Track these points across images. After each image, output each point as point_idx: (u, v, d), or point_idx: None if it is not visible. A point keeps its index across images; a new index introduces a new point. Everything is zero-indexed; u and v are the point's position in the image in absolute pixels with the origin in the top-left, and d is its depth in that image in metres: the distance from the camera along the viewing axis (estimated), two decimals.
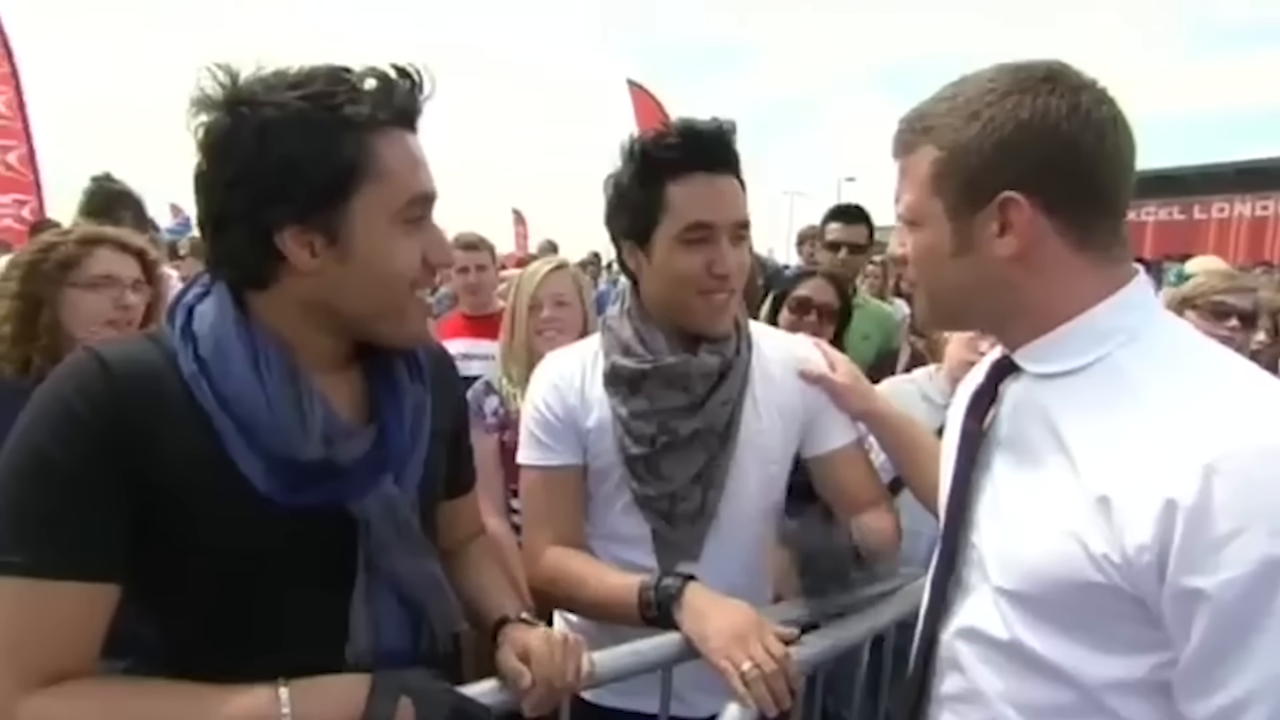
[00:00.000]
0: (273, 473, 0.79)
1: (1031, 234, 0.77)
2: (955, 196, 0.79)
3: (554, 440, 1.27)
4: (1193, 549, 0.65)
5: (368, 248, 0.81)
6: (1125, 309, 0.78)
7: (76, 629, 0.74)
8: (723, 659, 1.00)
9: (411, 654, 0.86)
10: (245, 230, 0.79)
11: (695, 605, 1.07)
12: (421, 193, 0.84)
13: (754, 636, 1.01)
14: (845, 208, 2.97)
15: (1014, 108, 0.75)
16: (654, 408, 1.22)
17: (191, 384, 0.78)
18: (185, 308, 0.83)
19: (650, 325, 1.25)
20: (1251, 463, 0.65)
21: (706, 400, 1.23)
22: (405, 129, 0.83)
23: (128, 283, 1.59)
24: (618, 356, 1.25)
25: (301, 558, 0.82)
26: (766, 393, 1.28)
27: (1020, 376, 0.85)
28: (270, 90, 0.77)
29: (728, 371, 1.24)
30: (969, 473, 0.87)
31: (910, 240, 0.86)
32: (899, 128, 0.85)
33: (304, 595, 0.82)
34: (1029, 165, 0.76)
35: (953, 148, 0.78)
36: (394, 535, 0.85)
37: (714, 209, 1.17)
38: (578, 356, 1.33)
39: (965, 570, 0.87)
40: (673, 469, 1.22)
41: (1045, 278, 0.79)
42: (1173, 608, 0.67)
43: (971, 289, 0.83)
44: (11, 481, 0.74)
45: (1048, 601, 0.75)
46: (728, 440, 1.24)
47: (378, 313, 0.85)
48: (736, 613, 1.06)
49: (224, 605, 0.80)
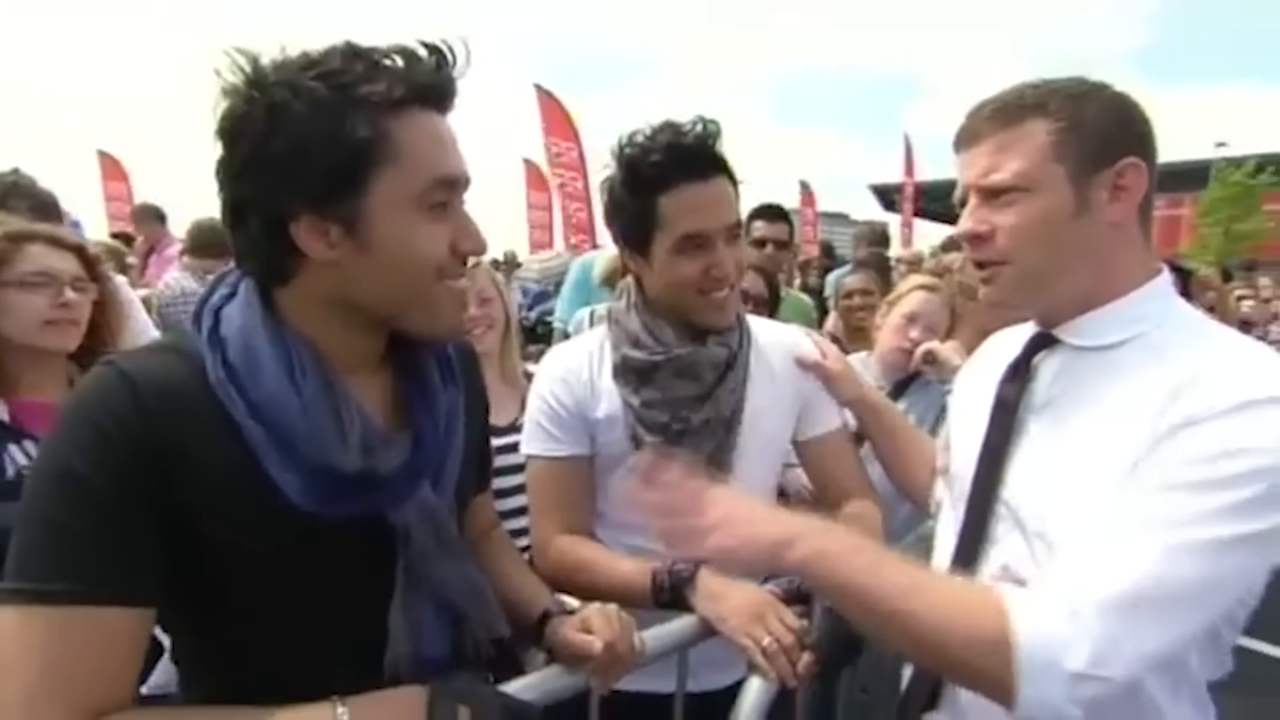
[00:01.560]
0: (309, 484, 0.75)
1: (1137, 199, 0.87)
2: (1079, 160, 0.87)
3: (562, 431, 1.29)
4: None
5: (388, 235, 0.75)
6: (1159, 295, 0.90)
7: (121, 657, 0.71)
8: (743, 636, 1.04)
9: (450, 661, 0.85)
10: (260, 222, 0.75)
11: (710, 588, 1.11)
12: (446, 175, 0.78)
13: (771, 614, 1.06)
14: (768, 207, 3.08)
15: (1112, 94, 0.88)
16: (666, 397, 1.25)
17: (220, 392, 0.74)
18: (212, 310, 0.79)
19: (657, 319, 1.28)
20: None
21: (715, 389, 1.27)
22: (429, 108, 0.77)
23: (66, 280, 1.51)
24: (628, 349, 1.28)
25: (338, 569, 0.79)
26: (766, 380, 1.33)
27: (1057, 350, 0.93)
28: (283, 71, 0.73)
29: (734, 361, 1.28)
30: (1005, 436, 0.94)
31: (1014, 210, 0.89)
32: (980, 115, 0.92)
33: (342, 606, 0.80)
34: (1137, 138, 0.88)
35: (1073, 119, 0.87)
36: (433, 543, 0.83)
37: (706, 218, 1.20)
38: (584, 349, 1.35)
39: (994, 524, 0.94)
40: (685, 455, 1.25)
41: (1122, 254, 0.89)
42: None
43: (1074, 256, 0.89)
44: (43, 507, 0.70)
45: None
46: (734, 426, 1.28)
47: (404, 304, 0.80)
48: (750, 593, 1.10)
49: (261, 620, 0.77)
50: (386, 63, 0.75)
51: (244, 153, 0.73)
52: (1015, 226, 0.89)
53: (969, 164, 0.93)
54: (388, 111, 0.74)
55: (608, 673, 0.95)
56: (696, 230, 1.19)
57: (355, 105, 0.72)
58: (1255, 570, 0.79)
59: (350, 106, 0.72)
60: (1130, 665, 0.73)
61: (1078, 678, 0.73)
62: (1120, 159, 0.86)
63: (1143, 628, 0.73)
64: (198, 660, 0.82)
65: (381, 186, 0.74)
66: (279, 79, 0.72)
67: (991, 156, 0.90)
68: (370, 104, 0.73)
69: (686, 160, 1.19)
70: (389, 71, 0.74)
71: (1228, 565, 0.75)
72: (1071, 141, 0.86)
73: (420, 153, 0.76)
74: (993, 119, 0.90)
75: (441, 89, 0.79)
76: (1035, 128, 0.87)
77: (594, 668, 0.94)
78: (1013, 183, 0.88)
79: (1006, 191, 0.89)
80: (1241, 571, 0.77)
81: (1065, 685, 0.73)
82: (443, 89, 0.79)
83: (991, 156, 0.90)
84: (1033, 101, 0.88)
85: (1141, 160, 0.87)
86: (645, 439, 1.25)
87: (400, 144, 0.74)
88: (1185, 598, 0.74)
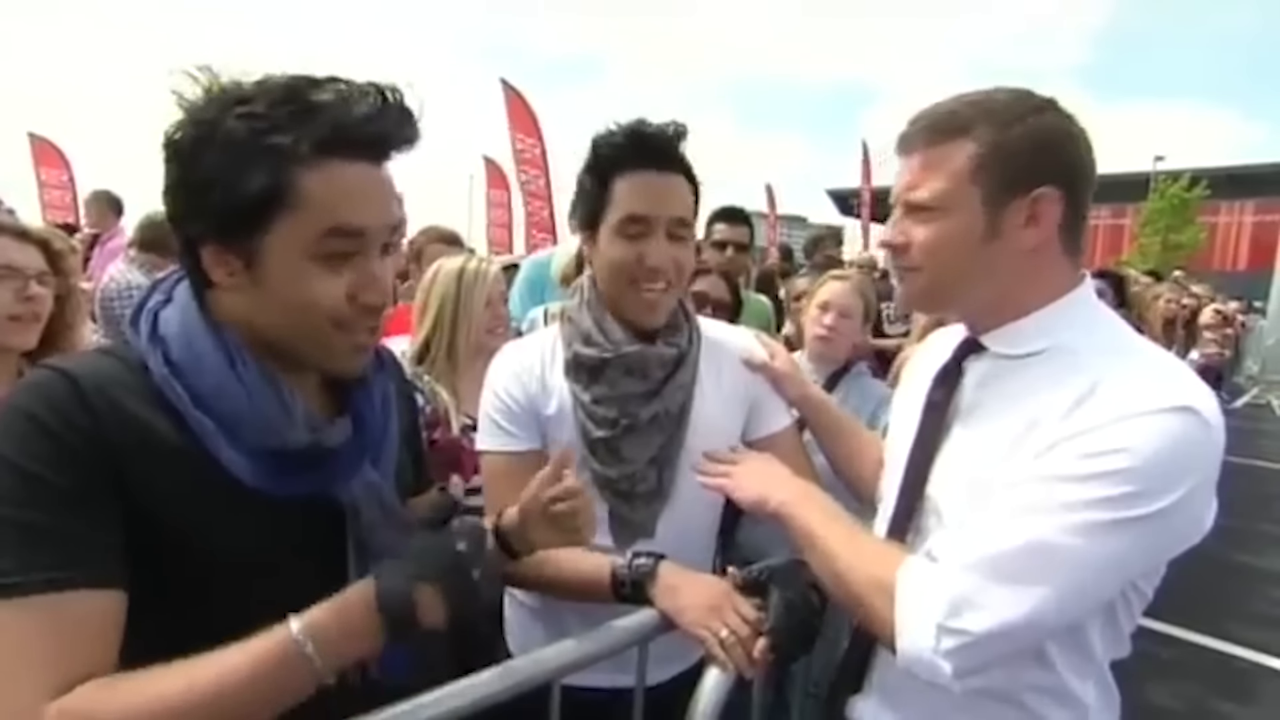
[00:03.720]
0: (258, 464, 0.78)
1: (1051, 227, 0.90)
2: (995, 186, 0.89)
3: (516, 426, 1.30)
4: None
5: (280, 278, 0.78)
6: (1080, 304, 0.94)
7: (94, 639, 0.71)
8: (701, 629, 1.06)
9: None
10: (180, 237, 0.80)
11: (668, 581, 1.13)
12: (345, 226, 0.77)
13: (727, 606, 1.08)
14: (729, 210, 3.11)
15: (1043, 119, 0.89)
16: (614, 393, 1.27)
17: (164, 387, 0.77)
18: (150, 313, 0.82)
19: (608, 317, 1.30)
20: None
21: (663, 386, 1.28)
22: (354, 158, 0.77)
23: (31, 273, 1.48)
24: (579, 346, 1.29)
25: (292, 549, 0.82)
26: (715, 379, 1.35)
27: (984, 356, 0.98)
28: (213, 107, 0.75)
29: (682, 359, 1.31)
30: (934, 436, 0.99)
31: (929, 227, 0.93)
32: (915, 127, 0.95)
33: (297, 587, 0.80)
34: (1060, 167, 0.90)
35: (995, 145, 0.89)
36: (380, 516, 0.87)
37: (651, 203, 1.22)
38: (536, 347, 1.36)
39: (919, 518, 0.99)
40: (633, 451, 1.27)
41: (1039, 270, 0.92)
42: None
43: (982, 274, 0.93)
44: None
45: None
46: (682, 424, 1.30)
47: (300, 342, 0.82)
48: (708, 586, 1.12)
49: (217, 606, 0.77)
50: (320, 104, 0.75)
51: (171, 175, 0.78)
52: (928, 242, 0.94)
53: (900, 173, 0.97)
54: (295, 163, 0.75)
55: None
56: (639, 213, 1.22)
57: (263, 152, 0.74)
58: (1126, 561, 0.82)
59: (258, 154, 0.74)
60: (985, 623, 0.80)
61: (941, 630, 0.81)
62: (1035, 188, 0.88)
63: (999, 590, 0.80)
64: (150, 655, 0.79)
65: (278, 231, 0.76)
66: (208, 114, 0.75)
67: (916, 173, 0.94)
68: (279, 154, 0.74)
69: (644, 147, 1.23)
70: (312, 121, 0.74)
71: (1095, 550, 0.79)
72: (990, 166, 0.89)
73: (322, 203, 0.76)
74: (924, 133, 0.94)
75: (371, 139, 0.78)
76: (959, 149, 0.90)
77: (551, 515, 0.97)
78: (930, 202, 0.92)
79: (925, 209, 0.93)
80: (1109, 559, 0.80)
81: (931, 637, 0.82)
82: (373, 139, 0.78)
83: (916, 173, 0.94)
84: (962, 122, 0.91)
85: (1060, 189, 0.89)
86: (594, 434, 1.27)
87: (302, 193, 0.75)
88: (1045, 571, 0.79)
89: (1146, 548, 0.82)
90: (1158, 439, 0.78)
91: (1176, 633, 3.41)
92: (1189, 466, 0.79)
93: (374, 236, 0.81)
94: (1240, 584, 4.14)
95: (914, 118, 0.96)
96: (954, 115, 0.92)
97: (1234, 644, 3.44)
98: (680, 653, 1.17)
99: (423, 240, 2.84)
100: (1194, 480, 0.79)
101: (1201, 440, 0.80)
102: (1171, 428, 0.78)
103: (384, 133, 0.79)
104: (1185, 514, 0.80)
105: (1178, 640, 3.39)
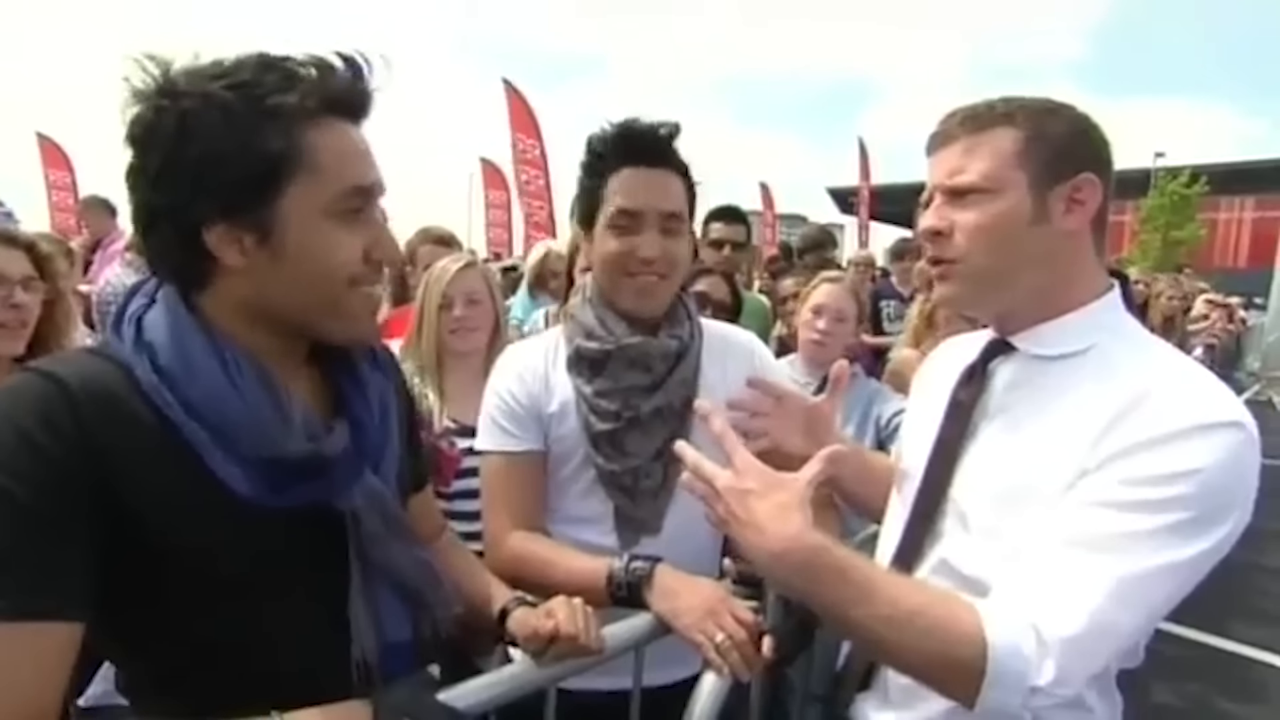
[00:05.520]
0: (255, 476, 0.74)
1: (1092, 213, 0.91)
2: (1041, 170, 0.90)
3: (517, 427, 1.30)
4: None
5: (301, 244, 0.76)
6: (1113, 308, 0.94)
7: (47, 674, 0.67)
8: (697, 633, 1.05)
9: (413, 644, 0.85)
10: (172, 228, 0.75)
11: (665, 585, 1.12)
12: (359, 184, 0.79)
13: (723, 610, 1.06)
14: (726, 208, 3.09)
15: (1075, 112, 0.92)
16: (617, 386, 1.27)
17: (154, 396, 0.73)
18: (133, 319, 0.78)
19: (609, 311, 1.30)
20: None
21: (666, 379, 1.28)
22: (343, 118, 0.78)
23: (17, 279, 1.47)
24: (581, 340, 1.30)
25: (291, 562, 0.79)
26: (718, 375, 1.35)
27: (1013, 357, 0.96)
28: (194, 80, 0.72)
29: (685, 352, 1.31)
30: (958, 437, 0.97)
31: (975, 210, 0.91)
32: (952, 121, 0.95)
33: (297, 600, 0.79)
34: (1097, 156, 0.91)
35: (1038, 131, 0.90)
36: (382, 526, 0.84)
37: (641, 198, 1.24)
38: (541, 346, 1.37)
39: (939, 520, 0.97)
40: (637, 445, 1.27)
41: (1079, 263, 0.93)
42: None
43: (1029, 261, 0.92)
44: None
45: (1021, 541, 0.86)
46: (685, 418, 1.29)
47: (317, 311, 0.80)
48: (704, 589, 1.11)
49: (213, 622, 0.75)
50: (301, 73, 0.76)
51: (156, 161, 0.73)
52: (974, 226, 0.91)
53: (937, 165, 0.96)
54: (301, 122, 0.74)
55: (564, 660, 0.95)
56: (629, 208, 1.24)
57: (268, 116, 0.73)
58: (1189, 582, 0.82)
59: (263, 117, 0.73)
60: (1082, 684, 0.81)
61: (1037, 691, 0.79)
62: (1078, 174, 0.90)
63: (1096, 653, 0.80)
64: (152, 676, 0.79)
65: (294, 196, 0.75)
66: (189, 88, 0.72)
67: (959, 158, 0.93)
68: (283, 115, 0.73)
69: (634, 144, 1.25)
70: (302, 82, 0.75)
71: (1172, 587, 0.80)
72: (1035, 151, 0.90)
73: (333, 162, 0.76)
74: (964, 124, 0.93)
75: (355, 100, 0.79)
76: (1003, 135, 0.91)
77: (554, 652, 0.94)
78: (977, 183, 0.91)
79: (970, 192, 0.92)
80: (1183, 587, 0.81)
81: (1025, 695, 0.79)
82: (357, 100, 0.80)
83: (959, 158, 0.93)
84: (1002, 111, 0.92)
85: (1098, 178, 0.90)
86: (597, 427, 1.26)
87: (313, 154, 0.75)
88: (1133, 622, 0.80)
89: (1205, 566, 0.82)
90: (1218, 458, 0.78)
91: (1180, 631, 3.41)
92: (1248, 483, 0.80)
93: (378, 193, 0.82)
94: (1244, 582, 4.12)
95: (947, 116, 0.96)
96: (992, 108, 0.93)
97: (1237, 642, 3.44)
98: (683, 656, 1.15)
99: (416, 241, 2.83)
100: (1250, 496, 0.80)
101: (1252, 456, 0.80)
102: (1229, 445, 0.79)
103: (364, 94, 0.80)
104: (1238, 529, 0.81)
105: (1181, 638, 3.38)
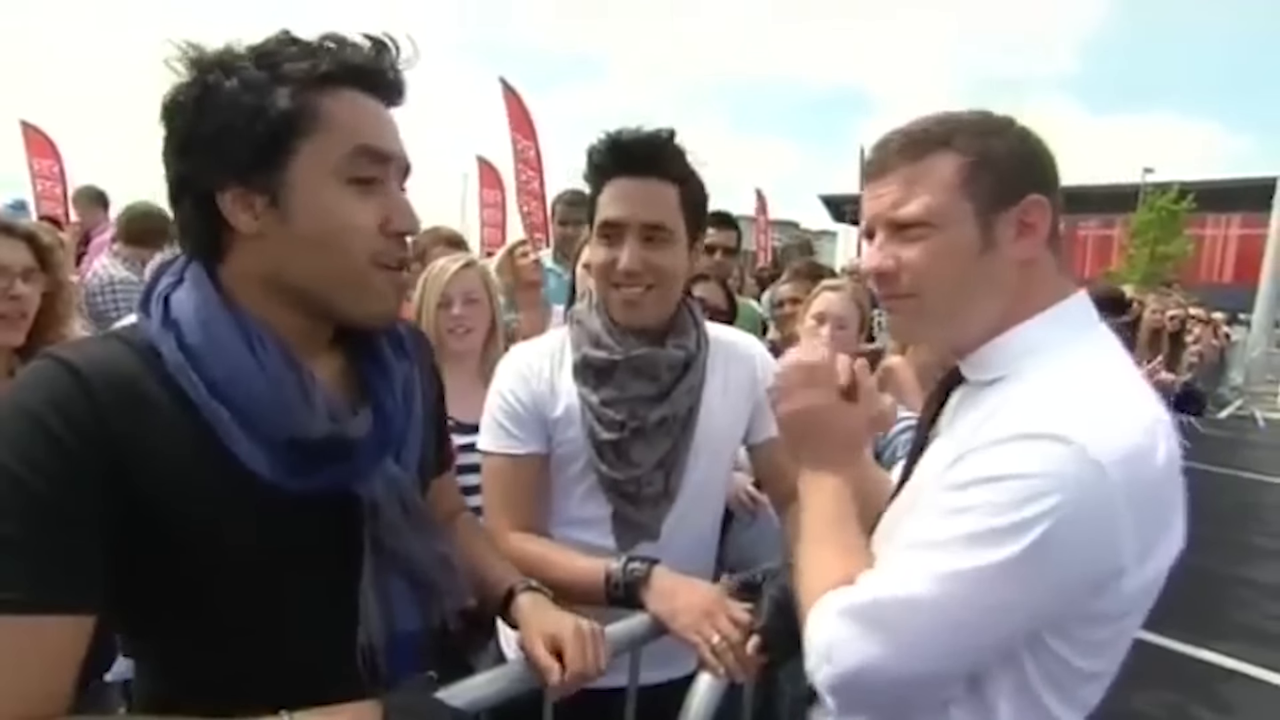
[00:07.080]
0: (276, 457, 0.74)
1: (1044, 236, 0.87)
2: (986, 196, 0.85)
3: (519, 429, 1.31)
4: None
5: (310, 206, 0.76)
6: (1057, 323, 0.86)
7: (57, 666, 0.67)
8: (693, 634, 1.07)
9: (422, 634, 0.85)
10: (191, 197, 0.77)
11: (662, 586, 1.14)
12: (370, 145, 0.78)
13: (719, 612, 1.09)
14: (716, 214, 3.10)
15: (1016, 130, 0.87)
16: (624, 396, 1.28)
17: (178, 376, 0.73)
18: (160, 297, 0.78)
19: (613, 320, 1.31)
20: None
21: (672, 389, 1.30)
22: (360, 89, 0.79)
23: (17, 270, 1.47)
24: (588, 348, 1.30)
25: (306, 547, 0.79)
26: (721, 382, 1.37)
27: (965, 381, 0.94)
28: (219, 56, 0.75)
29: (691, 362, 1.32)
30: (914, 456, 0.99)
31: (921, 245, 0.86)
32: (887, 148, 0.89)
33: (310, 585, 0.80)
34: (1044, 175, 0.88)
35: (982, 155, 0.85)
36: (401, 515, 0.83)
37: (621, 209, 1.25)
38: (545, 349, 1.37)
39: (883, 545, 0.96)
40: (641, 454, 1.29)
41: (1034, 282, 0.87)
42: None
43: (979, 292, 0.87)
44: None
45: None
46: (689, 427, 1.31)
47: (332, 283, 0.79)
48: (701, 591, 1.13)
49: (227, 605, 0.76)
50: (322, 45, 0.77)
51: (180, 132, 0.76)
52: (922, 262, 0.87)
53: (875, 196, 0.90)
54: (313, 85, 0.76)
55: (567, 691, 0.96)
56: (610, 218, 1.26)
57: (280, 80, 0.75)
58: (1018, 602, 0.75)
59: (275, 82, 0.74)
60: (847, 665, 0.80)
61: (818, 660, 0.83)
62: (1025, 196, 0.85)
63: (865, 637, 0.79)
64: (160, 655, 0.80)
65: (304, 156, 0.76)
66: (215, 62, 0.75)
67: (900, 190, 0.87)
68: (295, 79, 0.75)
69: (621, 155, 1.26)
70: (321, 51, 0.77)
71: (973, 592, 0.75)
72: (979, 177, 0.85)
73: (344, 124, 0.77)
74: (902, 152, 0.88)
75: (376, 73, 0.80)
76: (944, 162, 0.85)
77: (553, 685, 0.95)
78: (921, 216, 0.86)
79: (914, 226, 0.86)
80: (996, 599, 0.75)
81: (815, 666, 0.83)
82: (378, 73, 0.80)
83: (900, 190, 0.87)
84: (939, 135, 0.86)
85: (1045, 197, 0.86)
86: (601, 436, 1.28)
87: (324, 115, 0.76)
88: (920, 617, 0.76)
89: (1020, 588, 0.74)
90: (1028, 468, 0.73)
91: (1159, 641, 3.45)
92: (1046, 496, 0.71)
93: (396, 165, 0.82)
94: (1223, 593, 4.19)
95: (880, 141, 0.91)
96: (927, 131, 0.87)
97: (1216, 653, 3.48)
98: (679, 655, 1.18)
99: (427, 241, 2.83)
100: (1057, 513, 0.71)
101: (1060, 472, 0.72)
102: (1045, 456, 0.73)
103: (387, 71, 0.81)
104: (1063, 550, 0.72)
105: (1160, 648, 3.43)
